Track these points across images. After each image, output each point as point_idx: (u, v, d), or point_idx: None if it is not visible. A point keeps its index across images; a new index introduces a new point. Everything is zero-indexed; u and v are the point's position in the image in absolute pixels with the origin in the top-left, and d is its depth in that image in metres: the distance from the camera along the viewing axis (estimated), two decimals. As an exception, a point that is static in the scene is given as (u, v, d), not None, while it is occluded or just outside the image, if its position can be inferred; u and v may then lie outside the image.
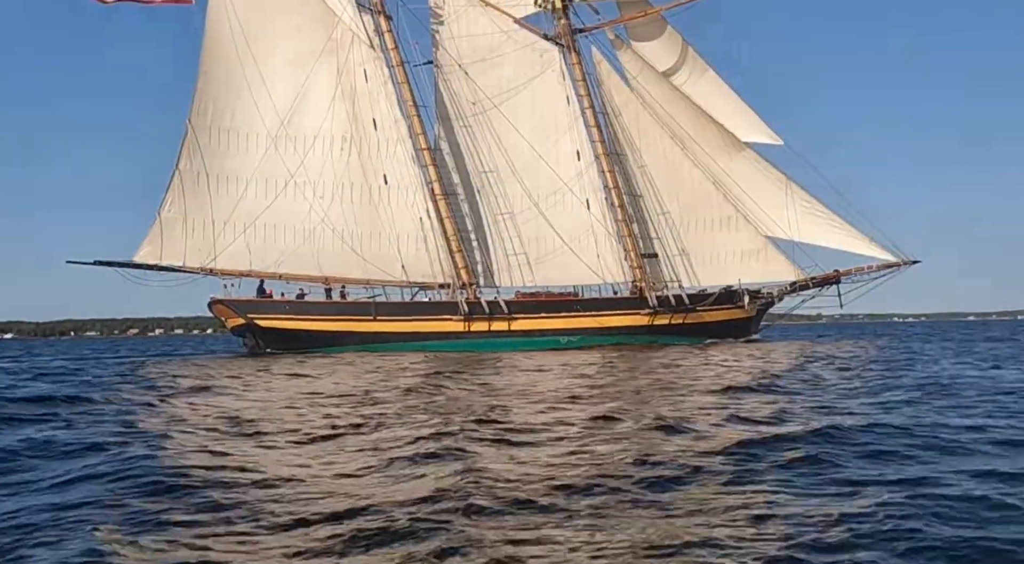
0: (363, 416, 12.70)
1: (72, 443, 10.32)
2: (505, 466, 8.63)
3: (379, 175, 40.88)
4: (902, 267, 44.56)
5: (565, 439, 10.16)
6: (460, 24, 44.31)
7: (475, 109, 43.80)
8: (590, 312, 41.59)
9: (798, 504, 7.02)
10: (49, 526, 6.74)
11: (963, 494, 7.17)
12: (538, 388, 16.81)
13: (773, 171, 45.49)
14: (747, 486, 7.66)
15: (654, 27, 45.95)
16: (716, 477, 7.97)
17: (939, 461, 8.72)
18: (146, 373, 24.66)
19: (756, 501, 7.12)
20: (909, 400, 14.08)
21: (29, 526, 6.73)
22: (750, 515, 6.68)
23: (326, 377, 21.64)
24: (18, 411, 13.90)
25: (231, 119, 40.39)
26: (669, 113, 45.29)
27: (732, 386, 16.16)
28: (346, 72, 41.04)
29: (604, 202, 43.89)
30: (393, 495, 7.48)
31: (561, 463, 8.74)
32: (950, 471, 8.17)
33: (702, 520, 6.58)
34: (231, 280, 39.45)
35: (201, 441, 10.69)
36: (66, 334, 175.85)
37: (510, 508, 6.97)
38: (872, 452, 9.14)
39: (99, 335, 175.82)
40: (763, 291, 45.08)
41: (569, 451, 9.40)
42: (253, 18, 40.58)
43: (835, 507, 6.86)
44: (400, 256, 40.04)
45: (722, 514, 6.73)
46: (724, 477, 7.95)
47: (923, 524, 6.31)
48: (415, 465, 8.76)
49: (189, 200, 39.11)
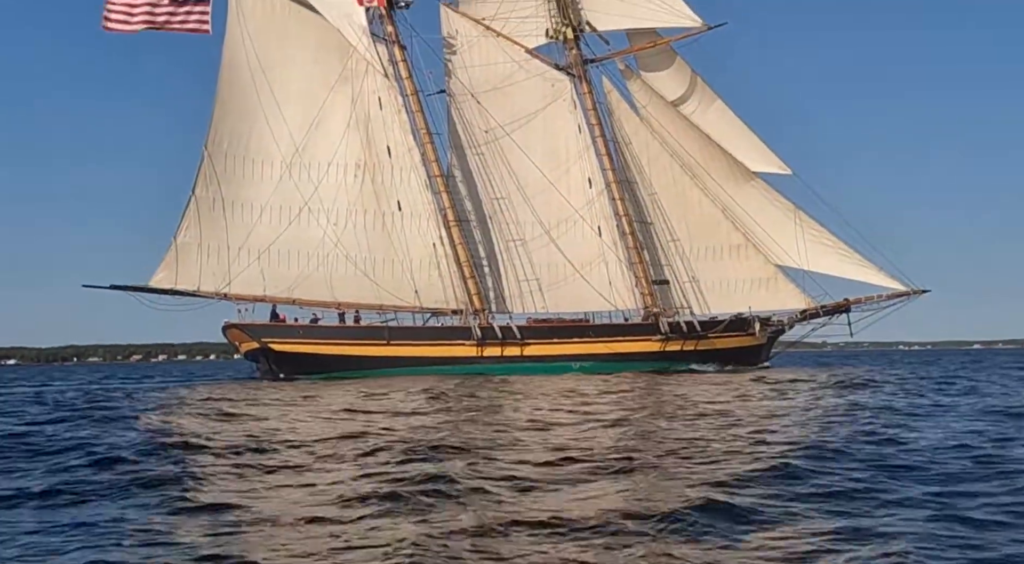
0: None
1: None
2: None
3: (392, 202, 41.25)
4: (911, 296, 44.68)
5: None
6: (472, 54, 44.93)
7: (487, 137, 44.28)
8: (602, 338, 41.71)
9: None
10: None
11: None
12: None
13: (782, 200, 45.77)
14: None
15: (663, 58, 46.51)
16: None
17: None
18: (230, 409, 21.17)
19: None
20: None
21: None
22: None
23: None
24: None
25: (246, 146, 40.87)
26: (678, 142, 45.72)
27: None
28: (360, 100, 41.56)
29: (616, 229, 44.20)
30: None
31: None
32: None
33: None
34: (245, 305, 39.72)
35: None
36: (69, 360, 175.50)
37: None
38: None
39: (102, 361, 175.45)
40: (773, 319, 45.16)
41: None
42: (269, 47, 41.20)
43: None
44: (413, 282, 40.30)
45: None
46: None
47: None
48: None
49: (205, 226, 39.47)
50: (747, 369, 42.14)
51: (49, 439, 14.50)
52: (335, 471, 10.72)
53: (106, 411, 20.67)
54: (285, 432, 15.11)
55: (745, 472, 9.91)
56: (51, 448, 13.27)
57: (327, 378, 37.74)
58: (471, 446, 12.63)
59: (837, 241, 45.36)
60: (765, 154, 46.04)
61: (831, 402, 20.37)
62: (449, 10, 45.22)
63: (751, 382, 29.98)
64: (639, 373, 37.01)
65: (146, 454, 12.21)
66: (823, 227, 45.57)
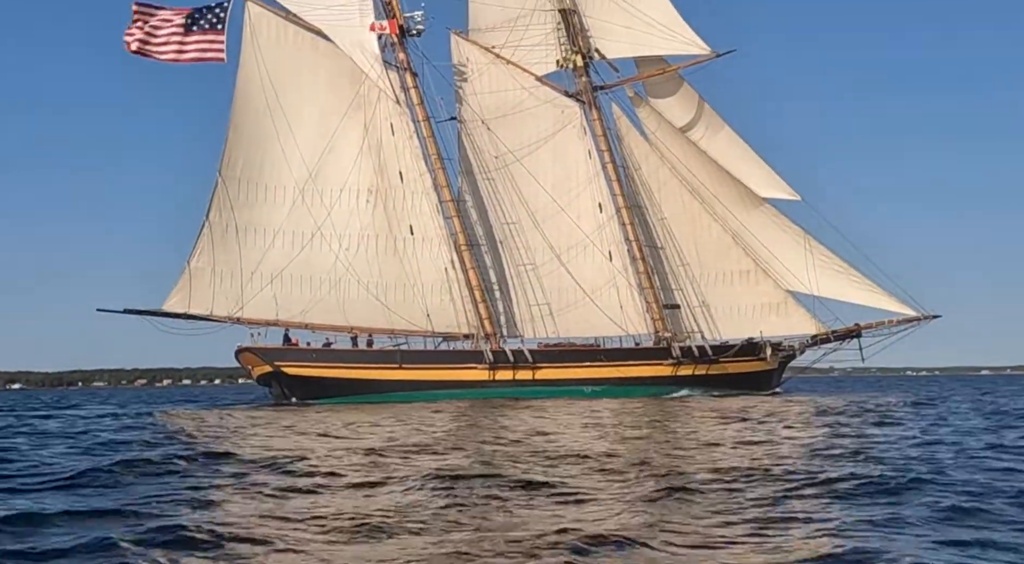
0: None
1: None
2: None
3: (404, 226, 41.51)
4: (922, 321, 44.58)
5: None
6: (483, 81, 45.42)
7: (498, 163, 44.64)
8: (614, 362, 41.71)
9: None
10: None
11: None
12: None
13: (792, 226, 45.87)
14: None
15: (671, 84, 46.94)
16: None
17: None
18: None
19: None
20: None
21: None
22: None
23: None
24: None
25: (260, 172, 41.23)
26: (688, 167, 45.98)
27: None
28: (373, 127, 41.97)
29: (626, 254, 44.35)
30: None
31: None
32: None
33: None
34: (257, 329, 39.86)
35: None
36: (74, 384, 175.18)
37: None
38: None
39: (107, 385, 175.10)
40: (784, 344, 45.10)
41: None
42: (283, 75, 41.71)
43: None
44: (425, 306, 40.43)
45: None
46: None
47: None
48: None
49: (218, 251, 39.73)
50: (758, 394, 42.06)
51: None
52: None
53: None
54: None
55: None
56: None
57: (340, 402, 37.72)
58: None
59: (848, 267, 45.36)
60: (774, 180, 46.25)
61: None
62: (460, 38, 45.79)
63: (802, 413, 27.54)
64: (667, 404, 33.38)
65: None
66: (833, 253, 45.61)
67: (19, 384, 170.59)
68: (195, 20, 40.30)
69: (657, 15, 45.14)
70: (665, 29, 45.36)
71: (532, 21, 45.80)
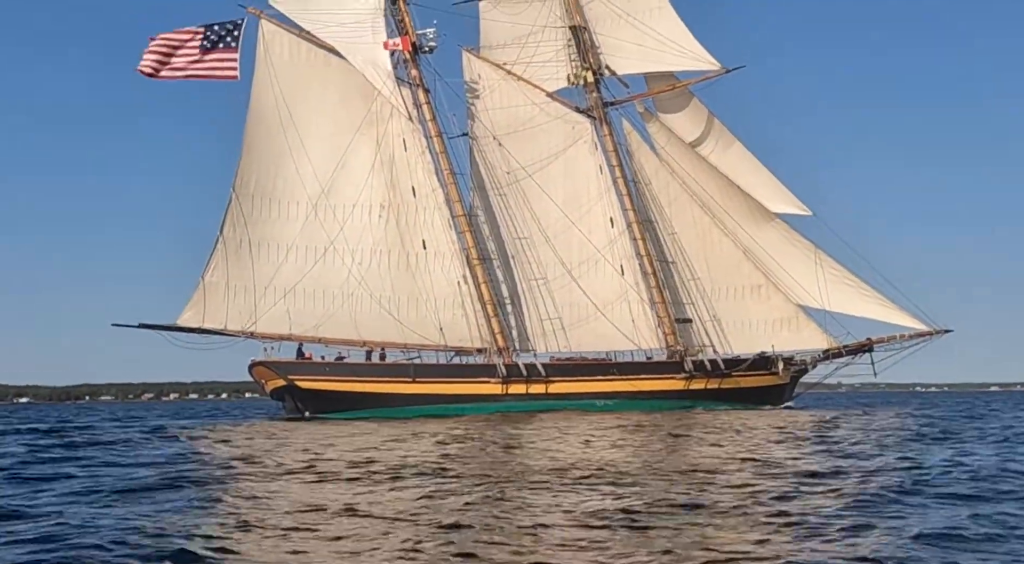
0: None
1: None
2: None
3: (417, 241, 41.70)
4: (934, 336, 44.52)
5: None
6: (494, 97, 45.75)
7: (509, 178, 44.88)
8: (626, 376, 41.73)
9: None
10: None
11: None
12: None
13: (802, 240, 45.95)
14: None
15: (681, 100, 47.20)
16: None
17: None
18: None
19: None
20: None
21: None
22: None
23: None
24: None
25: (273, 188, 41.51)
26: (698, 182, 46.17)
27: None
28: (385, 142, 42.25)
29: (638, 269, 44.46)
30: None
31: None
32: None
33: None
34: (271, 343, 39.97)
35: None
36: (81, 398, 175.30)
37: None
38: None
39: (114, 399, 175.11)
40: (796, 358, 45.08)
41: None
42: (296, 92, 42.07)
43: None
44: (438, 320, 40.55)
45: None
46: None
47: None
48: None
49: (232, 266, 39.97)
50: (770, 408, 42.01)
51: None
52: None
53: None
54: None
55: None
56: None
57: (353, 416, 37.78)
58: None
59: (859, 281, 45.36)
60: (784, 195, 46.37)
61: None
62: (471, 55, 46.17)
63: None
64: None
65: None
66: (844, 267, 45.61)
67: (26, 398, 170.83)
68: (209, 38, 40.75)
69: (667, 31, 45.50)
70: (675, 45, 45.70)
71: (543, 38, 46.19)
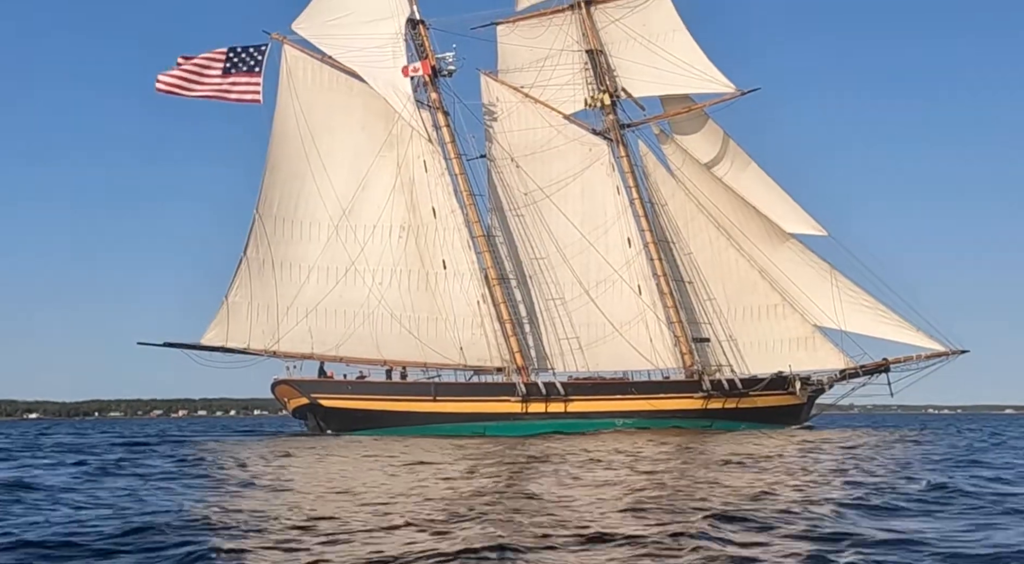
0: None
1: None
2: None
3: (437, 261, 42.25)
4: (950, 357, 44.62)
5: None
6: (512, 120, 46.40)
7: (527, 199, 45.43)
8: (644, 395, 42.00)
9: None
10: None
11: None
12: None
13: (818, 261, 46.20)
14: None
15: (696, 122, 47.73)
16: None
17: None
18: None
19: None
20: None
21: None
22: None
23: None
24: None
25: (295, 209, 42.22)
26: (714, 203, 46.58)
27: None
28: (405, 164, 42.94)
29: (655, 289, 44.81)
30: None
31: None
32: None
33: None
34: (293, 362, 40.48)
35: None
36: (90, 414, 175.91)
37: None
38: None
39: (123, 415, 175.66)
40: (813, 378, 45.24)
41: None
42: (318, 115, 42.87)
43: None
44: (459, 339, 40.99)
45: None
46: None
47: None
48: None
49: (255, 285, 40.60)
50: (787, 429, 42.18)
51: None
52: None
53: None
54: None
55: None
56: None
57: (375, 434, 38.19)
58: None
59: (875, 301, 45.51)
60: (800, 215, 46.68)
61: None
62: (489, 78, 46.88)
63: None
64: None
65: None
66: (860, 287, 45.79)
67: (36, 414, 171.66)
68: (233, 62, 41.60)
69: (683, 54, 46.15)
70: (690, 68, 46.31)
71: (560, 61, 46.91)
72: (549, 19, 47.24)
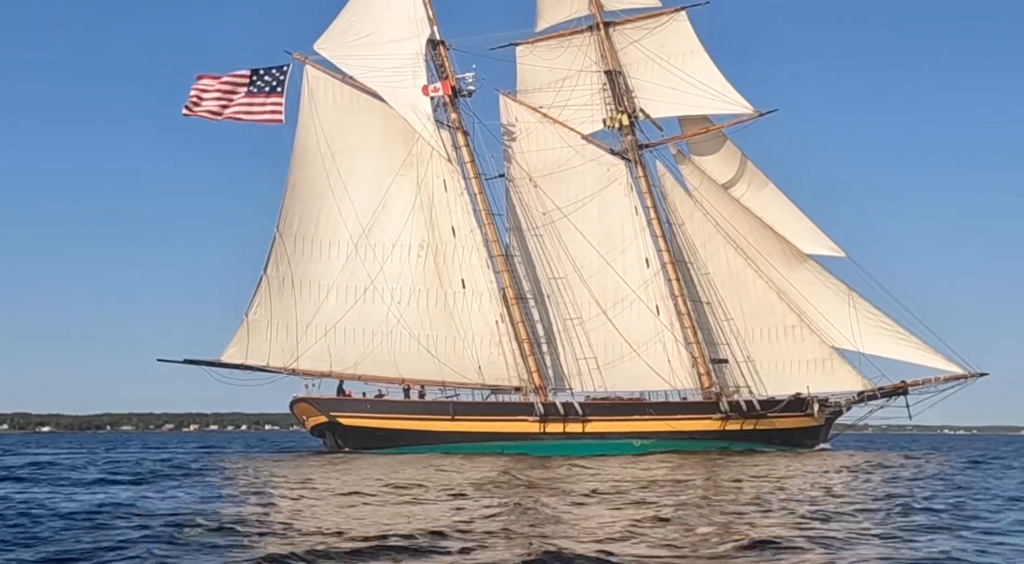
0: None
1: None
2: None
3: (455, 280, 42.40)
4: (969, 379, 44.45)
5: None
6: (531, 140, 46.64)
7: (545, 219, 45.59)
8: (663, 416, 41.93)
9: None
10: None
11: None
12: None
13: (836, 282, 46.14)
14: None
15: (714, 143, 47.89)
16: None
17: None
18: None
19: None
20: None
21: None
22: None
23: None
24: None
25: (315, 228, 42.50)
26: (731, 224, 46.62)
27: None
28: (425, 184, 43.18)
29: (672, 309, 44.81)
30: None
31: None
32: None
33: None
34: (312, 380, 40.62)
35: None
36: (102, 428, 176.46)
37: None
38: None
39: (135, 429, 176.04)
40: (831, 400, 45.09)
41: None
42: (338, 135, 43.21)
43: None
44: (476, 358, 41.06)
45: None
46: None
47: None
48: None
49: (275, 304, 40.83)
50: (805, 450, 42.05)
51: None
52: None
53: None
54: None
55: None
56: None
57: (393, 453, 38.22)
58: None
59: (893, 323, 45.38)
60: (818, 236, 46.67)
61: None
62: (508, 99, 47.16)
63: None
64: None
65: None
66: (878, 309, 45.69)
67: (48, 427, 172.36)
68: (256, 83, 42.03)
69: (701, 76, 46.36)
70: (709, 89, 46.51)
71: (578, 82, 47.17)
72: (568, 40, 47.53)
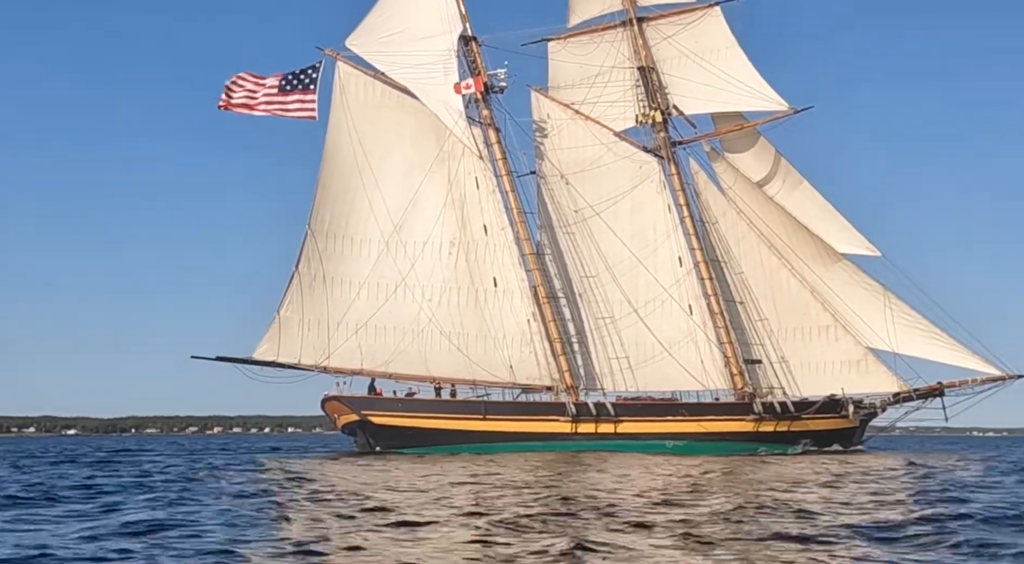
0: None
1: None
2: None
3: (486, 278, 42.16)
4: (1007, 381, 43.71)
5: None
6: (563, 137, 46.24)
7: (576, 217, 45.21)
8: (696, 417, 41.52)
9: None
10: None
11: None
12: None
13: (871, 282, 45.45)
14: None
15: (748, 140, 47.25)
16: None
17: None
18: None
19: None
20: None
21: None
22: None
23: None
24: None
25: (347, 225, 42.40)
26: (765, 222, 46.02)
27: None
28: (456, 181, 42.95)
29: (706, 309, 44.33)
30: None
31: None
32: None
33: None
34: (343, 378, 40.60)
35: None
36: (127, 431, 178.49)
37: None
38: None
39: (159, 432, 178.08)
40: (866, 401, 44.49)
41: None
42: (370, 131, 43.05)
43: None
44: (508, 358, 40.83)
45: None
46: None
47: None
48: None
49: (307, 301, 40.77)
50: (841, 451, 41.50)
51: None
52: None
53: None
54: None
55: None
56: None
57: (423, 452, 38.12)
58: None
59: (929, 324, 44.65)
60: (852, 235, 45.99)
61: None
62: (540, 95, 46.79)
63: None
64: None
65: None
66: (914, 310, 44.98)
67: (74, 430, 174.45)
68: (290, 81, 42.02)
69: (735, 72, 45.73)
70: (743, 85, 45.88)
71: (611, 78, 46.69)
72: (600, 36, 47.06)
